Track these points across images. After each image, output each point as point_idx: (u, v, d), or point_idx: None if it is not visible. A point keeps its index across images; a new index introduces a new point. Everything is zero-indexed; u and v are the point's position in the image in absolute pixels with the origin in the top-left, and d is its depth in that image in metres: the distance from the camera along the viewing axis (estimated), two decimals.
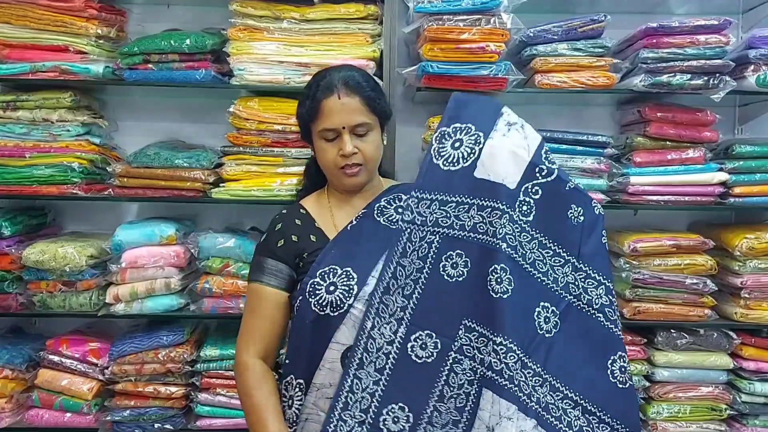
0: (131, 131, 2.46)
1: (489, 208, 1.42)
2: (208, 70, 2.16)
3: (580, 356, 1.44)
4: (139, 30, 2.38)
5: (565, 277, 1.45)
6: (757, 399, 2.24)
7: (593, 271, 1.46)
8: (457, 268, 1.41)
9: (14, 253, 2.15)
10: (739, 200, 2.21)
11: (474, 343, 1.39)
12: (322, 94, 1.47)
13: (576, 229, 1.46)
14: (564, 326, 1.43)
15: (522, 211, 1.43)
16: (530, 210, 1.44)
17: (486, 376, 1.37)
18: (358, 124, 1.46)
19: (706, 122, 2.23)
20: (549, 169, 1.46)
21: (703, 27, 2.12)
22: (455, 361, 1.38)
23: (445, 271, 1.41)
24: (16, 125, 2.21)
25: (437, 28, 2.06)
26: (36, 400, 2.20)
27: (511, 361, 1.36)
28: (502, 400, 1.35)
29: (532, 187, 1.45)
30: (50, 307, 2.19)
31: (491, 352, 1.36)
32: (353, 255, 1.45)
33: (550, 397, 1.40)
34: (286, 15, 2.15)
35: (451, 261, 1.41)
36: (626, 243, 2.19)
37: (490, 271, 1.38)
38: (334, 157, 1.47)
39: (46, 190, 2.16)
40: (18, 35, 2.16)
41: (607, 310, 1.46)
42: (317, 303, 1.40)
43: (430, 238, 1.43)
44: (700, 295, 2.20)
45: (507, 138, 1.48)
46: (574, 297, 1.45)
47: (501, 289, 1.37)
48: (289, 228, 1.51)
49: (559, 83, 2.15)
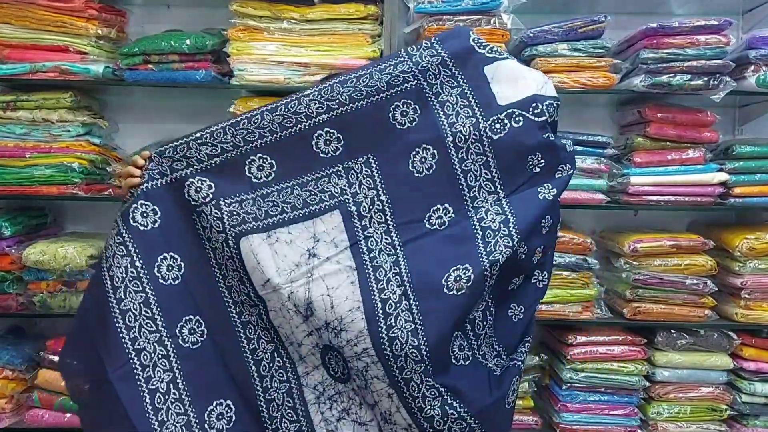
0: (131, 131, 2.46)
1: (467, 97, 1.41)
2: (208, 70, 2.16)
3: (437, 255, 1.37)
4: (139, 30, 2.38)
5: (484, 202, 1.39)
6: (758, 399, 2.24)
7: (509, 208, 1.38)
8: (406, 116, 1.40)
9: (14, 254, 2.15)
10: (739, 200, 2.21)
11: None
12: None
13: (525, 174, 1.41)
14: (447, 230, 1.37)
15: (492, 127, 1.39)
16: (500, 131, 1.39)
17: (344, 201, 1.36)
18: None
19: (706, 123, 2.23)
20: (543, 114, 1.39)
21: (703, 27, 2.12)
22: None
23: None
24: (17, 125, 2.21)
25: (437, 29, 2.07)
26: (36, 400, 2.20)
27: (377, 209, 1.36)
28: (343, 225, 1.36)
29: (518, 116, 1.39)
30: (50, 308, 2.19)
31: (365, 185, 1.37)
32: None
33: (386, 264, 1.35)
34: (286, 15, 2.16)
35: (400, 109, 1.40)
36: (626, 243, 2.19)
37: (422, 147, 1.38)
38: None
39: (46, 190, 2.16)
40: (18, 35, 2.17)
41: (487, 235, 1.36)
42: None
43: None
44: (700, 295, 2.20)
45: (529, 70, 1.46)
46: (476, 216, 1.38)
47: (419, 167, 1.38)
48: None
49: (560, 84, 2.15)
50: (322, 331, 1.33)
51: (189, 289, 1.35)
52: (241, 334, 1.37)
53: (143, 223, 1.33)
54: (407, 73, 1.38)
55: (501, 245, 1.34)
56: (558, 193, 1.40)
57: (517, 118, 1.39)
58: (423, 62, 1.39)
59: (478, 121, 1.39)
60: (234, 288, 1.37)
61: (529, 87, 1.40)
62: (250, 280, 1.35)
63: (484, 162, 1.39)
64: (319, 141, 1.35)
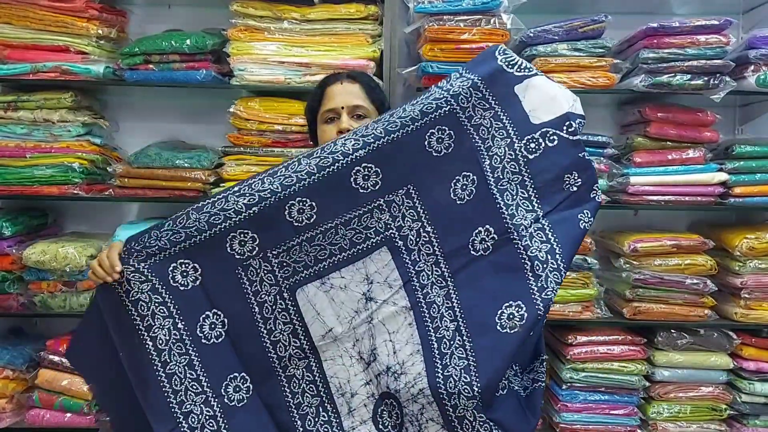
0: (132, 131, 2.46)
1: (501, 118, 1.42)
2: (208, 70, 2.16)
3: (487, 287, 1.38)
4: (139, 30, 2.39)
5: (523, 219, 1.39)
6: (757, 399, 2.24)
7: (552, 235, 1.38)
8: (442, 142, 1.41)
9: (15, 254, 2.16)
10: (739, 200, 2.21)
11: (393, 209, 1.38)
12: (327, 82, 1.63)
13: (563, 193, 1.41)
14: (492, 257, 1.38)
15: (527, 146, 1.40)
16: (535, 150, 1.40)
17: (390, 236, 1.36)
18: (356, 105, 1.57)
19: (707, 122, 2.23)
20: (576, 132, 1.41)
21: (703, 27, 2.13)
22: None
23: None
24: (17, 126, 2.21)
25: (437, 29, 2.07)
26: (36, 400, 2.20)
27: (423, 241, 1.36)
28: (393, 263, 1.35)
29: (552, 135, 1.40)
30: (51, 308, 2.19)
31: (409, 218, 1.37)
32: None
33: (438, 299, 1.36)
34: (286, 15, 2.16)
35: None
36: (626, 243, 2.19)
37: (462, 174, 1.38)
38: (331, 136, 1.53)
39: (46, 190, 2.17)
40: (19, 36, 2.17)
41: (536, 266, 1.36)
42: None
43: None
44: (700, 295, 2.20)
45: (559, 86, 1.46)
46: (522, 243, 1.38)
47: (461, 194, 1.38)
48: None
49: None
50: (382, 376, 1.34)
51: (233, 346, 1.34)
52: (285, 388, 1.37)
53: (183, 283, 1.32)
54: (439, 100, 1.38)
55: (552, 282, 1.34)
56: (593, 220, 1.41)
57: (551, 137, 1.40)
58: (454, 88, 1.39)
59: (512, 141, 1.39)
60: (281, 342, 1.36)
61: (562, 106, 1.41)
62: (307, 332, 1.34)
63: (520, 181, 1.40)
64: (358, 177, 1.34)
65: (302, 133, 2.17)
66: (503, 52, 1.45)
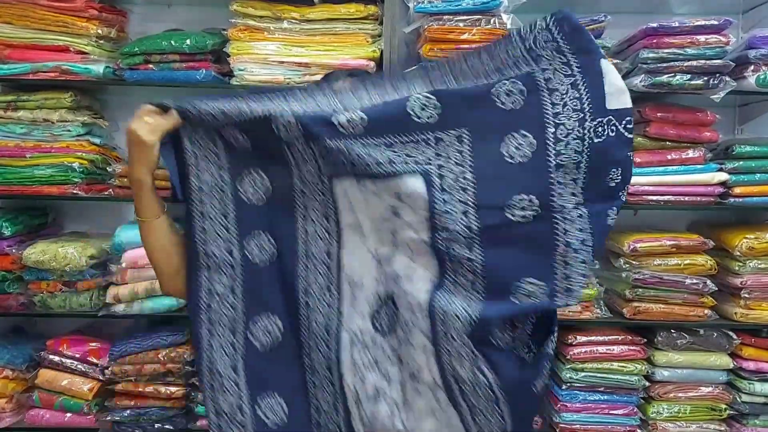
0: None
1: (580, 90, 1.36)
2: (208, 70, 2.16)
3: (512, 255, 1.33)
4: (139, 30, 2.39)
5: (568, 201, 1.34)
6: (757, 399, 2.24)
7: (589, 225, 1.34)
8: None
9: (15, 253, 2.16)
10: (739, 200, 2.21)
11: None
12: (327, 80, 1.55)
13: (602, 186, 1.37)
14: (527, 228, 1.32)
15: (596, 129, 1.34)
16: (601, 135, 1.34)
17: (428, 171, 1.31)
18: None
19: (706, 122, 2.23)
20: (631, 131, 1.36)
21: (703, 27, 2.12)
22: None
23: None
24: (17, 125, 2.21)
25: (437, 29, 2.07)
26: (36, 400, 2.20)
27: (460, 186, 1.32)
28: (425, 194, 1.30)
29: (614, 125, 1.35)
30: (51, 308, 2.19)
31: (453, 160, 1.33)
32: None
33: (458, 246, 1.31)
34: (286, 15, 2.16)
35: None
36: (626, 243, 2.19)
37: (521, 133, 1.32)
38: None
39: (46, 190, 2.17)
40: (19, 35, 2.17)
41: (568, 253, 1.33)
42: None
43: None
44: (700, 295, 2.20)
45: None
46: (561, 220, 1.33)
47: (514, 153, 1.33)
48: None
49: None
50: (390, 280, 1.34)
51: (267, 209, 1.36)
52: (301, 262, 1.37)
53: (230, 144, 1.35)
54: (518, 59, 1.34)
55: (577, 274, 1.31)
56: (618, 206, 1.38)
57: (612, 127, 1.35)
58: (536, 48, 1.34)
59: (584, 118, 1.33)
60: (310, 218, 1.36)
61: (627, 100, 1.37)
62: (337, 217, 1.34)
63: (578, 162, 1.34)
64: (416, 105, 1.30)
65: None
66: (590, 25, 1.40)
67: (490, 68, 1.33)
